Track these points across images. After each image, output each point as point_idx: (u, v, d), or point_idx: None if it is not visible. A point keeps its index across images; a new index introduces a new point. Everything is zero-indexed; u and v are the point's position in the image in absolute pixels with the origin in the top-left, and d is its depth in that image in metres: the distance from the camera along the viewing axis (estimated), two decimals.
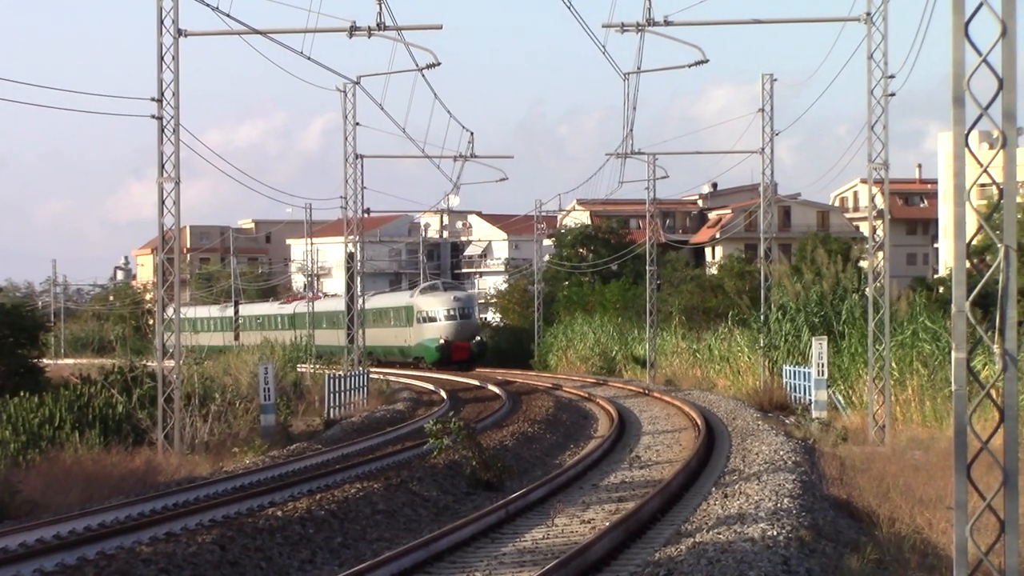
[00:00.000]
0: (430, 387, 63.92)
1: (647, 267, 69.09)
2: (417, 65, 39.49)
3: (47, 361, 56.63)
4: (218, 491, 26.29)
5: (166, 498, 24.93)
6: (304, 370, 59.81)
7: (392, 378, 70.04)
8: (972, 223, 12.08)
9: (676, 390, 57.74)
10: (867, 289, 39.25)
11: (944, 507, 19.68)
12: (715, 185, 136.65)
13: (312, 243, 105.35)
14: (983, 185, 12.86)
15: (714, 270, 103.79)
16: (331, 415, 47.05)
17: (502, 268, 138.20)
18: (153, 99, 34.77)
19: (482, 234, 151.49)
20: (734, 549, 17.71)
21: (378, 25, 36.52)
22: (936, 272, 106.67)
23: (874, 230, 38.70)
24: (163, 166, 34.99)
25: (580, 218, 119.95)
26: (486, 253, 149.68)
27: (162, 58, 34.81)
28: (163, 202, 35.08)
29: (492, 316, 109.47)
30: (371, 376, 58.74)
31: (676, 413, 45.75)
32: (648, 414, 46.45)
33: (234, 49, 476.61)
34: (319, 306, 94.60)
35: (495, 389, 60.69)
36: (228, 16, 33.95)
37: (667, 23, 37.88)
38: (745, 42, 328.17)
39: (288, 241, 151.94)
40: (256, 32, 36.33)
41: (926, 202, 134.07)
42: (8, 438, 33.60)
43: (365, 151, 60.40)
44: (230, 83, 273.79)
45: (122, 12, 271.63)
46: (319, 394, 50.14)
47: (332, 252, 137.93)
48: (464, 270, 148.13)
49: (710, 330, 67.27)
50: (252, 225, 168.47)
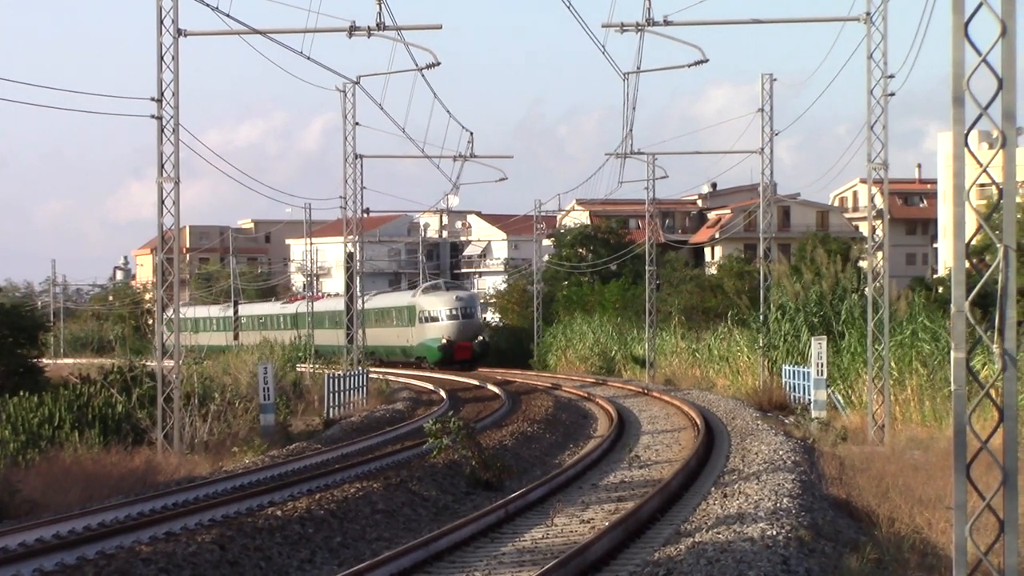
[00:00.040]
0: (429, 387, 63.92)
1: (646, 267, 69.11)
2: (417, 65, 39.53)
3: (46, 361, 56.63)
4: (217, 491, 26.29)
5: (165, 498, 24.93)
6: (304, 370, 59.84)
7: (392, 378, 70.01)
8: (971, 223, 12.08)
9: (675, 390, 57.74)
10: (866, 289, 39.24)
11: (943, 507, 19.68)
12: (714, 185, 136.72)
13: (311, 243, 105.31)
14: (983, 185, 12.86)
15: (713, 270, 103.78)
16: (330, 415, 47.06)
17: (501, 268, 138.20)
18: (153, 99, 34.79)
19: (481, 234, 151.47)
20: (733, 549, 17.72)
21: (378, 25, 36.54)
22: (935, 272, 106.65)
23: (873, 230, 38.69)
24: (163, 166, 35.00)
25: (579, 218, 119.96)
26: (485, 253, 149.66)
27: (162, 58, 34.82)
28: (163, 202, 35.10)
29: (491, 316, 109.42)
30: (370, 376, 58.75)
31: (675, 413, 45.75)
32: (647, 414, 46.45)
33: (234, 49, 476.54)
34: (322, 306, 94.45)
35: (494, 389, 60.69)
36: (228, 16, 34.02)
37: (667, 23, 37.90)
38: (745, 42, 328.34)
39: (288, 241, 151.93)
40: (256, 32, 36.35)
41: (925, 202, 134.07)
42: (8, 438, 33.60)
43: (365, 151, 60.45)
44: (230, 83, 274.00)
45: (122, 12, 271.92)
46: (318, 394, 50.15)
47: (331, 252, 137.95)
48: (463, 270, 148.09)
49: (709, 330, 67.26)
50: (252, 225, 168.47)
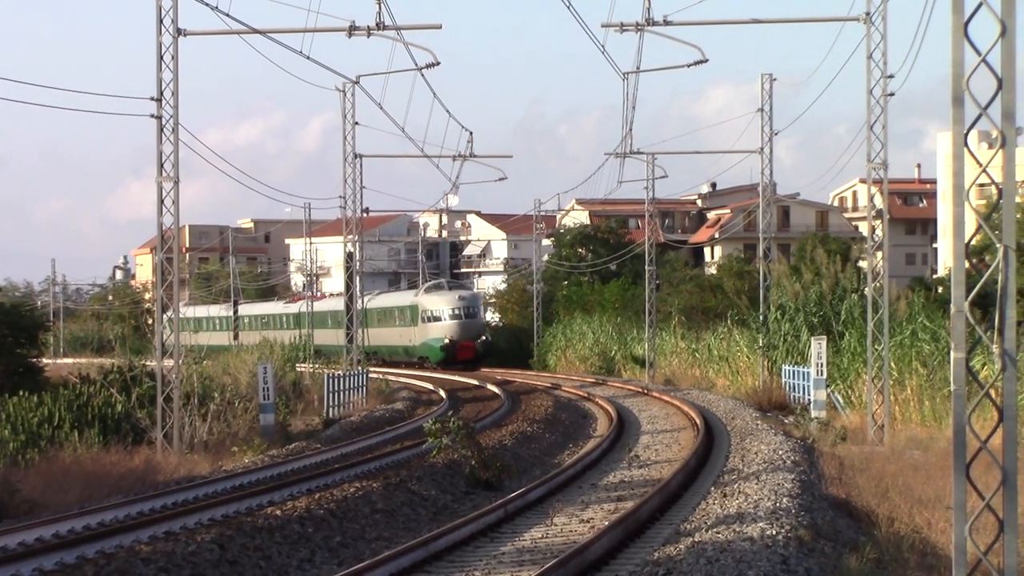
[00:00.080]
0: (429, 387, 63.92)
1: (646, 267, 69.13)
2: (416, 65, 39.52)
3: (46, 360, 56.62)
4: (217, 490, 26.29)
5: (165, 497, 24.93)
6: (303, 369, 59.84)
7: (391, 377, 70.03)
8: (971, 223, 12.09)
9: (675, 390, 57.74)
10: (866, 289, 39.25)
11: (943, 507, 19.68)
12: (714, 185, 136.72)
13: (311, 243, 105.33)
14: (982, 185, 12.86)
15: (713, 270, 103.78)
16: (330, 414, 47.05)
17: (501, 268, 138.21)
18: (152, 98, 34.80)
19: (481, 234, 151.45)
20: (733, 548, 17.72)
21: (377, 25, 36.55)
22: (935, 272, 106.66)
23: (873, 230, 38.69)
24: (162, 165, 35.00)
25: (579, 218, 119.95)
26: (485, 253, 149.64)
27: (161, 58, 34.82)
28: (162, 201, 35.10)
29: (491, 316, 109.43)
30: (370, 376, 58.76)
31: (675, 413, 45.75)
32: (647, 414, 46.45)
33: (233, 48, 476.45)
34: (324, 305, 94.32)
35: (494, 389, 60.68)
36: (227, 16, 34.01)
37: (666, 23, 37.91)
38: (744, 42, 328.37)
39: (287, 241, 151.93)
40: (255, 32, 36.35)
41: (925, 202, 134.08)
42: (7, 437, 33.58)
43: (364, 151, 60.49)
44: (229, 82, 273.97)
45: (122, 12, 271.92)
46: (318, 393, 50.15)
47: (331, 252, 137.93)
48: (463, 270, 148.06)
49: (709, 330, 67.26)
50: (251, 224, 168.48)
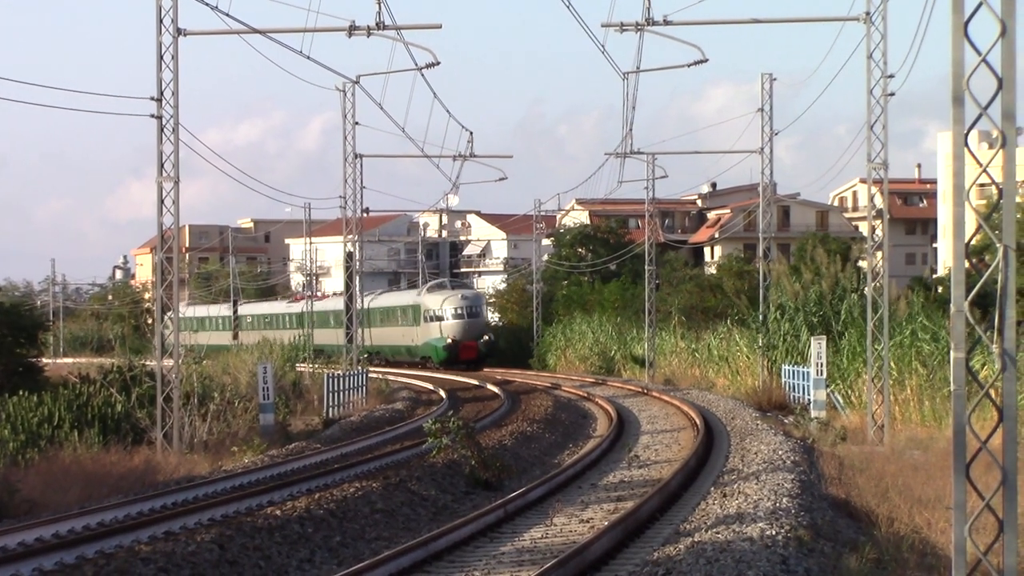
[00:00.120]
0: (429, 386, 63.92)
1: (646, 267, 69.13)
2: (416, 64, 39.51)
3: (46, 360, 56.61)
4: (217, 490, 26.28)
5: (165, 497, 24.92)
6: (303, 369, 59.83)
7: (391, 377, 70.03)
8: (971, 223, 12.08)
9: (675, 390, 57.73)
10: (866, 289, 39.24)
11: (943, 507, 19.68)
12: (714, 185, 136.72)
13: (311, 242, 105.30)
14: (982, 185, 12.86)
15: (713, 270, 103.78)
16: (330, 414, 47.05)
17: (501, 268, 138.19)
18: (152, 98, 34.79)
19: (481, 233, 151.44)
20: (733, 548, 17.71)
21: (377, 24, 36.55)
22: (935, 272, 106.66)
23: (873, 230, 38.69)
24: (162, 165, 35.00)
25: (579, 218, 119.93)
26: (485, 252, 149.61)
27: (161, 57, 34.82)
28: (162, 201, 35.09)
29: (491, 316, 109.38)
30: (370, 375, 58.75)
31: (675, 412, 45.75)
32: (647, 413, 46.45)
33: (233, 48, 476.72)
34: (327, 305, 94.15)
35: (494, 388, 60.68)
36: (227, 15, 34.00)
37: (666, 23, 37.90)
38: (744, 42, 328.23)
39: (287, 240, 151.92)
40: (255, 31, 36.35)
41: (925, 202, 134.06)
42: (7, 437, 33.58)
43: (364, 150, 60.51)
44: (229, 82, 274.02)
45: (122, 12, 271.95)
46: (318, 393, 50.14)
47: (331, 251, 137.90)
48: (463, 269, 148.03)
49: (709, 330, 67.24)
50: (251, 224, 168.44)
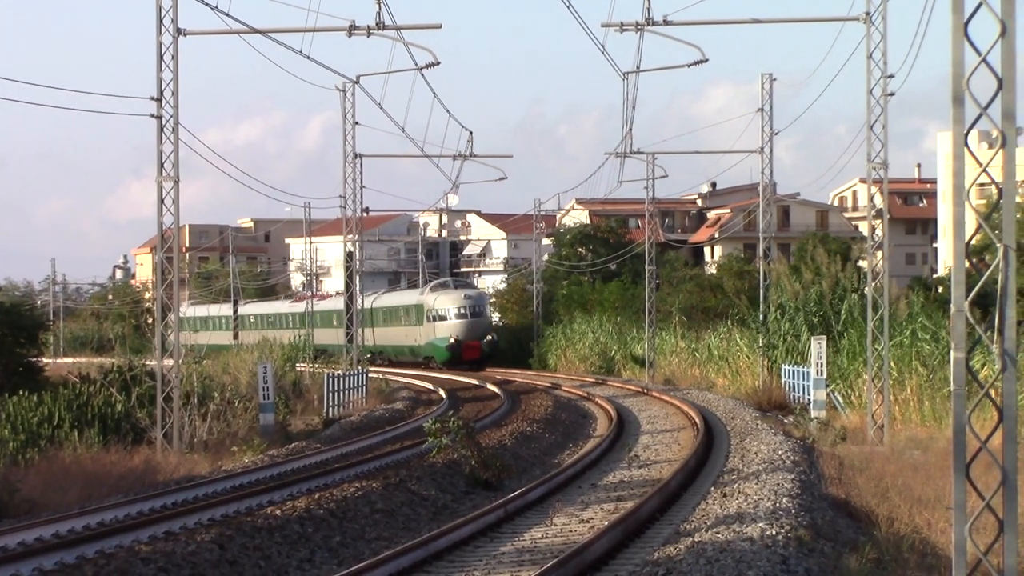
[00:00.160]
0: (429, 386, 63.91)
1: (646, 266, 69.14)
2: (416, 64, 39.51)
3: (46, 360, 56.58)
4: (217, 490, 26.28)
5: (165, 497, 24.92)
6: (303, 369, 59.82)
7: (391, 377, 70.03)
8: (971, 223, 12.08)
9: (675, 389, 57.73)
10: (866, 288, 39.24)
11: (943, 507, 19.68)
12: (714, 184, 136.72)
13: (311, 242, 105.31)
14: (982, 185, 12.86)
15: (713, 269, 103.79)
16: (330, 414, 47.04)
17: (501, 267, 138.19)
18: (152, 98, 34.79)
19: (481, 233, 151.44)
20: (733, 548, 17.71)
21: (377, 24, 36.55)
22: (935, 272, 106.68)
23: (873, 230, 38.68)
24: (162, 165, 35.00)
25: (579, 217, 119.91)
26: (485, 252, 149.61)
27: (161, 57, 34.82)
28: (162, 201, 35.10)
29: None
30: (370, 375, 58.75)
31: (675, 412, 45.74)
32: (647, 413, 46.44)
33: (233, 48, 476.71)
34: (330, 304, 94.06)
35: (494, 388, 60.67)
36: (227, 15, 34.01)
37: (666, 22, 37.90)
38: (744, 42, 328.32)
39: (287, 240, 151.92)
40: (255, 31, 36.35)
41: (925, 202, 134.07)
42: (7, 437, 33.57)
43: (364, 150, 60.55)
44: (229, 82, 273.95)
45: (122, 12, 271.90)
46: (318, 393, 50.14)
47: (331, 251, 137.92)
48: (463, 269, 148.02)
49: (709, 329, 67.24)
50: (251, 224, 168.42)
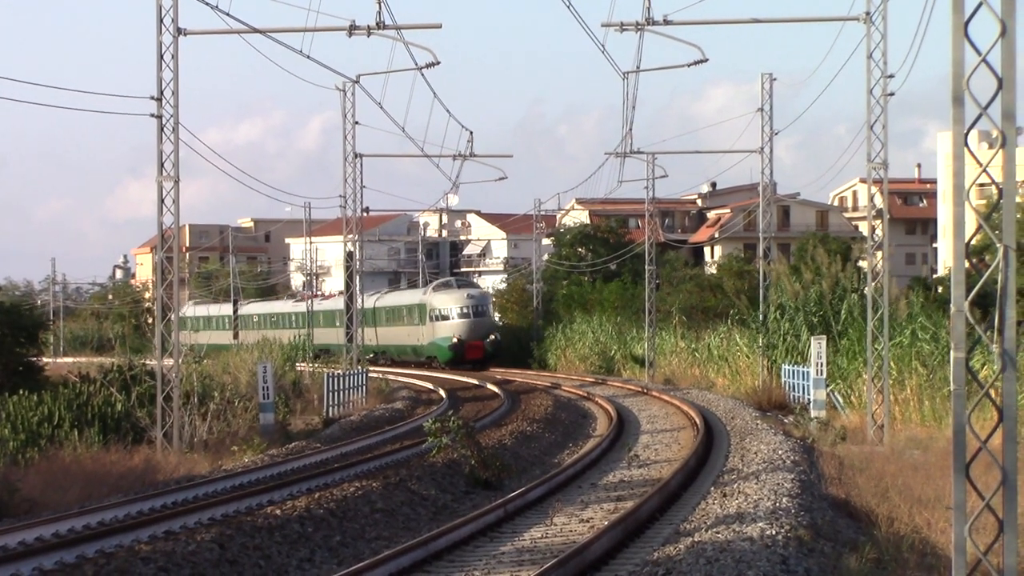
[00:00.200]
0: (429, 386, 63.91)
1: (646, 266, 69.14)
2: (416, 64, 39.50)
3: (46, 359, 56.60)
4: (217, 489, 26.28)
5: (165, 496, 24.93)
6: (303, 368, 59.83)
7: (392, 377, 70.04)
8: (971, 223, 12.09)
9: (675, 389, 57.73)
10: (866, 288, 39.25)
11: (943, 507, 19.68)
12: (714, 184, 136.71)
13: (311, 242, 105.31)
14: (982, 185, 12.86)
15: (713, 269, 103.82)
16: (330, 414, 47.05)
17: (501, 267, 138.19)
18: (153, 98, 34.79)
19: (481, 233, 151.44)
20: (733, 548, 17.71)
21: (377, 24, 36.55)
22: (935, 272, 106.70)
23: (873, 230, 38.69)
24: (162, 165, 35.00)
25: (579, 217, 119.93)
26: (485, 252, 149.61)
27: (161, 57, 34.82)
28: (162, 201, 35.10)
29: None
30: (370, 375, 58.75)
31: (675, 412, 45.75)
32: (647, 413, 46.45)
33: (233, 48, 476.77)
34: (332, 304, 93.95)
35: (494, 388, 60.66)
36: (227, 15, 34.01)
37: (666, 22, 37.91)
38: (744, 41, 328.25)
39: (287, 240, 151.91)
40: (255, 31, 36.35)
41: (925, 202, 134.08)
42: (7, 436, 33.59)
43: (364, 150, 60.57)
44: (229, 82, 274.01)
45: (122, 11, 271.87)
46: (318, 393, 50.14)
47: (331, 251, 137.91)
48: (463, 269, 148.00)
49: (709, 329, 67.24)
50: (251, 224, 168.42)
